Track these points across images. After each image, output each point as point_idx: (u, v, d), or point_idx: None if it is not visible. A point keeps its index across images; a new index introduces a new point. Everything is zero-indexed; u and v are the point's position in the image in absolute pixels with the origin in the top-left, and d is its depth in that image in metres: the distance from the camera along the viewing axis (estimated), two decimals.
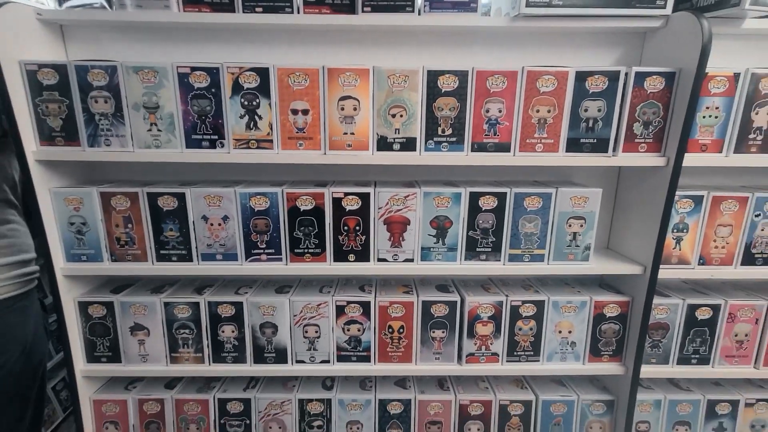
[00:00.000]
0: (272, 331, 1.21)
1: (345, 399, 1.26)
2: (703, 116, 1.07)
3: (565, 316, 1.20)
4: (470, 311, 1.20)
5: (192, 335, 1.21)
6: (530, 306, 1.20)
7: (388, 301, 1.20)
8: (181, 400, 1.25)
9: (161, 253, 1.15)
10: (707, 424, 1.26)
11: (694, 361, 1.23)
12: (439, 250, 1.16)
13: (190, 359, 1.22)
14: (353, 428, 1.27)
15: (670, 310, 1.20)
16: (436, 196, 1.12)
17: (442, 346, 1.22)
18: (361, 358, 1.23)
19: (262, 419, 1.26)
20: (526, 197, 1.12)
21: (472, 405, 1.26)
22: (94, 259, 1.15)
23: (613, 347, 1.22)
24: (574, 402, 1.26)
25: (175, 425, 1.26)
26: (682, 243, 1.15)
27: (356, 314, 1.20)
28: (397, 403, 1.26)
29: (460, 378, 1.36)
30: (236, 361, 1.22)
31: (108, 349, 1.22)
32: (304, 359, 1.23)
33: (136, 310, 1.19)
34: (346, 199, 1.12)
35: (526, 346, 1.22)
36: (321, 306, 1.20)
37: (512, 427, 1.27)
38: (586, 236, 1.14)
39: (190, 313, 1.20)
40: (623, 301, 1.20)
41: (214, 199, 1.12)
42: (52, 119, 1.06)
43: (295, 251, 1.15)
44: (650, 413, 1.26)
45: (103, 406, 1.25)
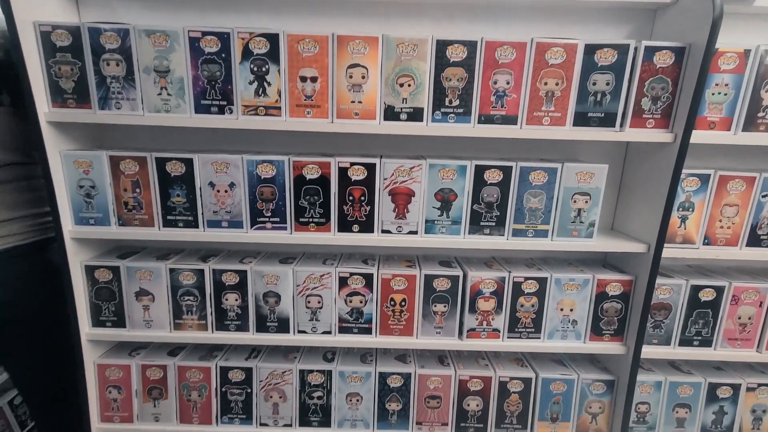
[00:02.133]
0: (275, 301, 1.20)
1: (345, 371, 1.24)
2: (712, 93, 1.05)
3: (567, 293, 1.18)
4: (472, 286, 1.18)
5: (196, 302, 1.20)
6: (532, 282, 1.18)
7: (391, 273, 1.18)
8: (183, 367, 1.24)
9: (168, 219, 1.15)
10: (708, 407, 1.24)
11: (696, 342, 1.20)
12: (443, 223, 1.14)
13: (194, 326, 1.21)
14: (353, 400, 1.26)
15: (673, 291, 1.17)
16: (442, 168, 1.10)
17: (443, 320, 1.20)
18: (363, 330, 1.21)
19: (263, 388, 1.25)
20: (532, 171, 1.10)
21: (472, 381, 1.24)
22: (101, 223, 1.15)
23: (615, 326, 1.20)
24: (574, 381, 1.24)
25: (177, 392, 1.25)
26: (687, 222, 1.13)
27: (359, 286, 1.19)
28: (397, 376, 1.24)
29: (461, 354, 1.34)
30: (239, 329, 1.21)
31: (113, 314, 1.21)
32: (305, 329, 1.21)
33: (142, 275, 1.18)
34: (352, 168, 1.10)
35: (527, 323, 1.20)
36: (324, 277, 1.18)
37: (511, 404, 1.25)
38: (591, 212, 1.12)
39: (195, 280, 1.19)
40: (626, 280, 1.17)
41: (221, 166, 1.11)
42: (64, 81, 1.05)
43: (300, 220, 1.14)
44: (650, 394, 1.24)
45: (106, 370, 1.24)
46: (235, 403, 1.26)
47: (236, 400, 1.26)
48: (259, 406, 1.26)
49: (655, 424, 1.25)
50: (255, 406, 1.26)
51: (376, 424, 1.26)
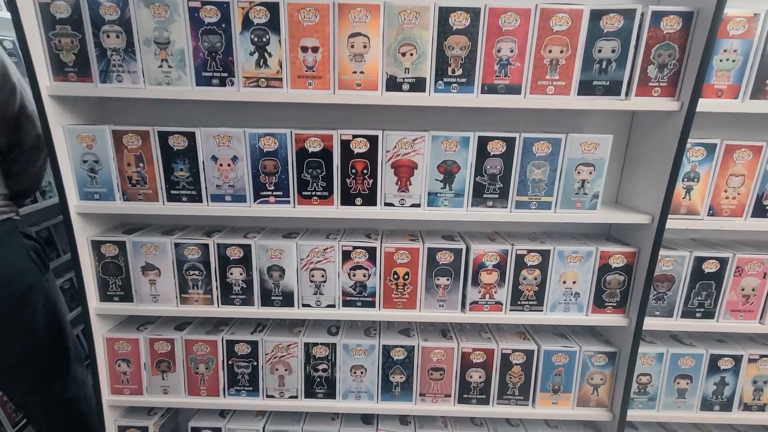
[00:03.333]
0: (279, 275, 1.19)
1: (350, 344, 1.25)
2: (720, 60, 1.02)
3: (570, 266, 1.17)
4: (475, 259, 1.17)
5: (201, 277, 1.20)
6: (535, 255, 1.17)
7: (394, 247, 1.17)
8: (190, 341, 1.25)
9: (172, 194, 1.14)
10: (709, 378, 1.23)
11: (699, 314, 1.19)
12: (446, 196, 1.13)
13: (200, 300, 1.21)
14: (357, 372, 1.26)
15: (677, 262, 1.16)
16: (444, 140, 1.08)
17: (446, 293, 1.20)
18: (366, 304, 1.21)
19: (269, 361, 1.26)
20: (536, 142, 1.08)
21: (475, 353, 1.24)
22: (106, 198, 1.14)
23: (617, 299, 1.19)
24: (576, 353, 1.23)
25: (185, 365, 1.26)
26: (692, 193, 1.11)
27: (362, 259, 1.18)
28: (401, 349, 1.24)
29: (463, 328, 1.34)
30: (244, 303, 1.21)
31: (120, 289, 1.21)
32: (310, 303, 1.21)
33: (148, 250, 1.18)
34: (354, 141, 1.09)
35: (529, 296, 1.20)
36: (327, 250, 1.18)
37: (513, 376, 1.25)
38: (595, 184, 1.11)
39: (200, 255, 1.19)
40: (629, 252, 1.16)
41: (224, 139, 1.09)
42: (65, 54, 1.04)
43: (303, 194, 1.13)
44: (652, 366, 1.23)
45: (115, 344, 1.25)
46: (242, 375, 1.27)
47: (243, 372, 1.27)
48: (265, 378, 1.27)
49: (656, 395, 1.25)
50: (261, 379, 1.27)
51: (380, 396, 1.27)
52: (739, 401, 1.24)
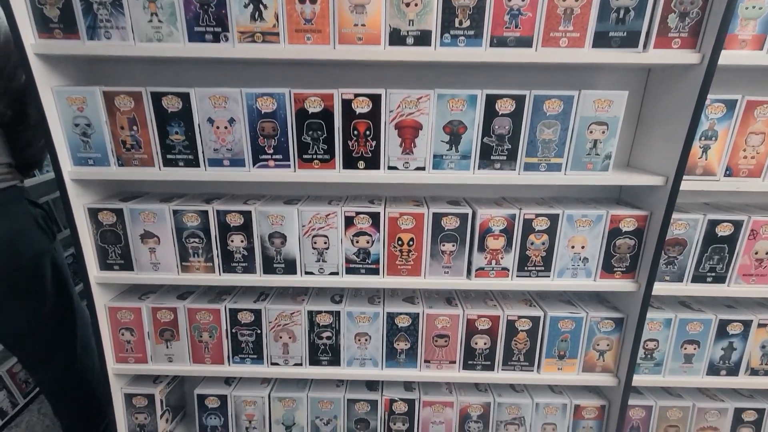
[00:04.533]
0: (281, 242, 1.15)
1: (353, 311, 1.22)
2: (746, 7, 0.94)
3: (579, 230, 1.13)
4: (482, 224, 1.13)
5: (202, 244, 1.16)
6: (544, 219, 1.12)
7: (398, 212, 1.13)
8: (193, 309, 1.23)
9: (168, 158, 1.09)
10: (717, 343, 1.21)
11: (710, 279, 1.15)
12: (452, 158, 1.07)
13: (201, 268, 1.18)
14: (361, 340, 1.24)
15: (689, 226, 1.11)
16: (451, 99, 1.02)
17: (451, 260, 1.16)
18: (370, 271, 1.17)
19: (273, 329, 1.23)
20: (546, 100, 1.02)
21: (480, 320, 1.21)
22: (100, 163, 1.09)
23: (627, 263, 1.15)
24: (583, 319, 1.20)
25: (188, 333, 1.24)
26: (709, 152, 1.05)
27: (365, 225, 1.14)
28: (405, 316, 1.22)
29: (468, 296, 1.31)
30: (246, 271, 1.18)
31: (120, 257, 1.18)
32: (313, 271, 1.18)
33: (146, 217, 1.14)
34: (356, 100, 1.02)
35: (537, 261, 1.16)
36: (330, 216, 1.13)
37: (519, 342, 1.23)
38: (608, 144, 1.05)
39: (199, 222, 1.15)
40: (641, 215, 1.11)
41: (220, 100, 1.03)
42: (48, 8, 0.97)
43: (304, 157, 1.08)
44: (659, 332, 1.20)
45: (117, 313, 1.23)
46: (246, 343, 1.25)
47: (246, 341, 1.25)
48: (269, 346, 1.25)
49: (662, 361, 1.22)
50: (265, 347, 1.25)
51: (385, 363, 1.25)
52: (747, 366, 1.22)
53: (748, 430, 1.27)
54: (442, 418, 1.29)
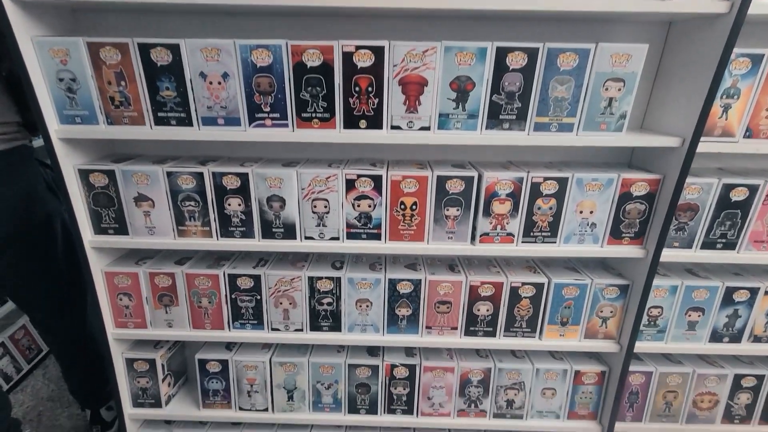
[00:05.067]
0: (280, 205, 1.11)
1: (354, 277, 1.19)
2: None
3: (589, 194, 1.08)
4: (488, 188, 1.08)
5: (198, 208, 1.12)
6: (552, 183, 1.08)
7: (401, 175, 1.08)
8: (191, 275, 1.20)
9: (159, 116, 1.03)
10: (722, 310, 1.19)
11: (720, 245, 1.12)
12: (459, 117, 1.01)
13: (198, 233, 1.14)
14: (362, 306, 1.22)
15: (703, 190, 1.07)
16: (459, 52, 0.95)
17: (455, 225, 1.12)
18: (372, 236, 1.14)
19: (273, 295, 1.21)
20: (561, 54, 0.95)
21: (483, 286, 1.19)
22: (88, 122, 1.03)
23: (636, 229, 1.12)
24: (587, 285, 1.18)
25: (187, 299, 1.22)
26: (730, 112, 0.99)
27: (367, 189, 1.09)
28: (407, 282, 1.19)
29: (471, 263, 1.28)
30: (244, 235, 1.14)
31: (114, 221, 1.14)
32: (312, 235, 1.14)
33: (139, 179, 1.09)
34: (357, 53, 0.96)
35: (543, 227, 1.12)
36: (330, 179, 1.08)
37: (522, 309, 1.21)
38: (623, 102, 0.99)
39: (195, 185, 1.10)
40: (653, 179, 1.07)
41: (212, 53, 0.96)
42: None
43: (302, 116, 1.02)
44: (664, 299, 1.18)
45: (114, 278, 1.20)
46: (246, 309, 1.23)
47: (246, 306, 1.23)
48: (269, 312, 1.23)
49: (665, 328, 1.21)
50: (265, 312, 1.23)
51: (386, 329, 1.24)
52: (750, 333, 1.21)
53: (747, 395, 1.27)
54: (442, 383, 1.29)
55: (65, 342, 1.34)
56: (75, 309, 1.31)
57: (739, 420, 1.30)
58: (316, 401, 1.32)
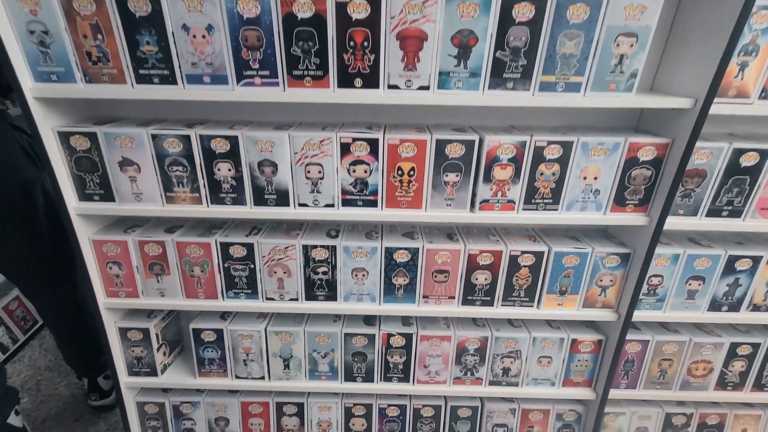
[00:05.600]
0: (272, 170, 1.06)
1: (350, 246, 1.16)
2: None
3: (594, 159, 1.04)
4: (489, 152, 1.03)
5: (186, 173, 1.07)
6: (556, 148, 1.03)
7: (399, 138, 1.03)
8: (182, 243, 1.16)
9: (140, 74, 0.96)
10: (722, 279, 1.17)
11: (725, 213, 1.09)
12: (460, 76, 0.95)
13: (187, 199, 1.10)
14: (358, 275, 1.19)
15: (712, 155, 1.03)
16: (461, 3, 0.88)
17: (454, 191, 1.08)
18: (368, 203, 1.10)
19: (266, 263, 1.18)
20: (571, 5, 0.88)
21: (482, 255, 1.16)
22: (65, 79, 0.97)
23: (640, 196, 1.08)
24: (588, 254, 1.15)
25: (179, 268, 1.19)
26: (746, 71, 0.94)
27: (363, 153, 1.04)
28: (404, 251, 1.16)
29: (470, 231, 1.25)
30: (235, 202, 1.10)
31: (99, 187, 1.09)
32: (306, 202, 1.10)
33: (123, 142, 1.03)
34: (352, 3, 0.88)
35: (545, 194, 1.08)
36: (324, 143, 1.03)
37: (520, 278, 1.18)
38: (635, 60, 0.93)
39: (182, 148, 1.04)
40: (662, 143, 1.02)
41: (194, 2, 0.89)
42: None
43: (293, 73, 0.95)
44: (665, 267, 1.16)
45: (103, 246, 1.16)
46: (239, 278, 1.20)
47: (240, 275, 1.20)
48: (263, 281, 1.20)
49: (664, 296, 1.19)
50: (260, 281, 1.20)
51: (383, 298, 1.21)
52: (749, 302, 1.20)
53: (741, 362, 1.27)
54: (439, 351, 1.28)
55: (55, 311, 1.31)
56: (63, 278, 1.28)
57: (731, 387, 1.31)
58: (313, 369, 1.32)
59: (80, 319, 1.34)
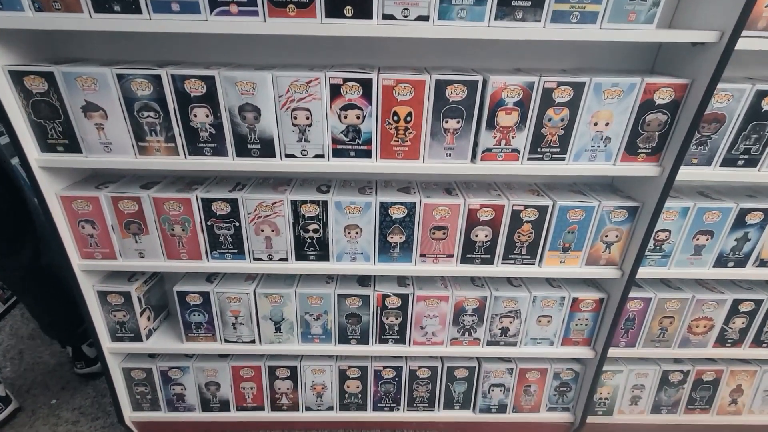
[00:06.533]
0: (254, 116, 0.95)
1: (342, 201, 1.07)
2: None
3: (606, 103, 0.95)
4: (493, 94, 0.93)
5: (159, 119, 0.96)
6: (566, 89, 0.93)
7: (394, 79, 0.92)
8: (160, 199, 1.06)
9: (98, 1, 0.83)
10: (731, 233, 1.11)
11: (741, 162, 1.02)
12: (464, 4, 0.84)
13: (162, 150, 0.99)
14: (351, 233, 1.11)
15: (733, 98, 0.94)
16: None
17: (455, 139, 0.99)
18: (361, 153, 1.00)
19: (253, 221, 1.09)
20: None
21: (483, 210, 1.08)
22: (10, 6, 0.83)
23: (653, 144, 1.00)
24: (594, 208, 1.08)
25: (158, 226, 1.09)
26: None
27: (355, 96, 0.94)
28: (400, 206, 1.08)
29: (470, 186, 1.17)
30: (216, 153, 1.00)
31: (62, 136, 0.98)
32: (294, 153, 1.00)
33: (85, 84, 0.91)
34: None
35: (552, 142, 0.99)
36: (312, 84, 0.92)
37: (522, 234, 1.11)
38: None
39: (152, 91, 0.93)
40: (680, 84, 0.93)
41: None
42: None
43: (275, 0, 0.83)
44: (673, 221, 1.10)
45: (73, 203, 1.06)
46: (224, 237, 1.11)
47: (224, 234, 1.11)
48: (250, 240, 1.11)
49: (670, 252, 1.14)
50: (246, 241, 1.12)
51: (377, 258, 1.14)
52: (756, 257, 1.15)
53: (743, 319, 1.24)
54: (436, 312, 1.23)
55: (18, 281, 1.21)
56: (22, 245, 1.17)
57: (730, 344, 1.28)
58: (305, 332, 1.26)
59: (47, 286, 1.25)
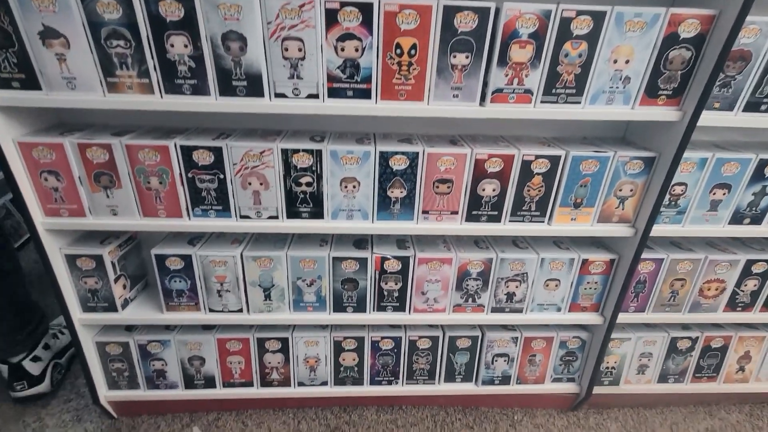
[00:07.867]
0: (239, 47, 0.84)
1: (339, 150, 0.96)
2: None
3: (628, 36, 0.86)
4: (507, 24, 0.84)
5: (130, 50, 0.83)
6: (585, 20, 0.84)
7: (398, 4, 0.82)
8: (134, 147, 0.94)
9: None
10: (749, 187, 1.05)
11: (764, 107, 0.95)
12: None
13: (134, 86, 0.87)
14: (348, 186, 1.00)
15: (761, 33, 0.87)
16: None
17: (463, 77, 0.89)
18: (360, 93, 0.90)
19: (239, 173, 0.97)
20: None
21: (491, 160, 0.99)
22: None
23: (675, 84, 0.92)
24: (609, 159, 1.00)
25: (132, 178, 0.97)
26: None
27: (353, 24, 0.83)
28: (402, 156, 0.97)
29: (476, 138, 1.07)
30: (196, 91, 0.88)
31: (16, 68, 0.84)
32: (285, 92, 0.89)
33: (42, 4, 0.78)
34: None
35: (568, 81, 0.90)
36: (305, 8, 0.81)
37: (532, 188, 1.03)
38: None
39: (121, 14, 0.80)
40: (707, 15, 0.85)
41: None
42: None
43: None
44: (690, 174, 1.02)
45: (33, 151, 0.93)
46: (207, 191, 1.00)
47: (207, 188, 0.99)
48: (236, 195, 1.00)
49: (686, 208, 1.07)
50: (232, 196, 1.00)
51: (376, 215, 1.04)
52: None
53: (755, 281, 1.18)
54: (438, 276, 1.13)
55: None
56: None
57: (741, 308, 1.22)
58: (297, 300, 1.15)
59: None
